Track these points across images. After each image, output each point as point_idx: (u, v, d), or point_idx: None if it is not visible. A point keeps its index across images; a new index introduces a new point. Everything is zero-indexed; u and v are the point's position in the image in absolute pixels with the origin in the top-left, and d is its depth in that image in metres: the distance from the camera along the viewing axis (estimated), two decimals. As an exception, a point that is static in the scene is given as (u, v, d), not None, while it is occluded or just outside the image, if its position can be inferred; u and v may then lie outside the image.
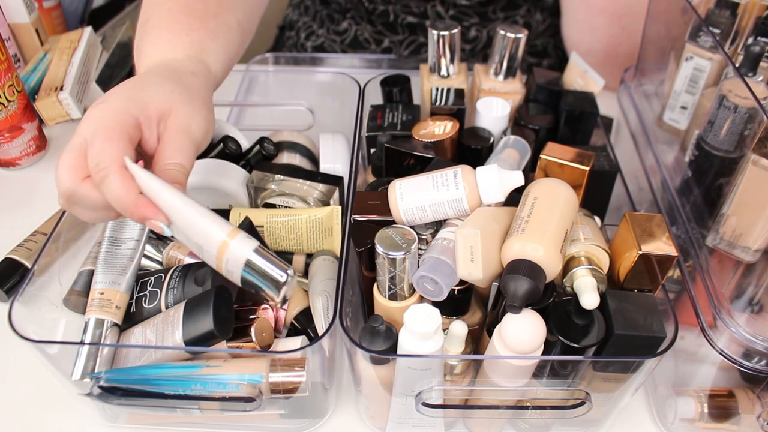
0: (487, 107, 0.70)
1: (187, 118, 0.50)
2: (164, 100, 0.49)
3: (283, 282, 0.45)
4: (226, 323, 0.53)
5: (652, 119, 0.74)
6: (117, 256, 0.58)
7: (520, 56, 0.71)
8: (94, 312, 0.55)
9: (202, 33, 0.58)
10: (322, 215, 0.64)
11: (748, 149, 0.54)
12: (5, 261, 0.69)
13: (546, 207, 0.51)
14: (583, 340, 0.50)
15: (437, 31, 0.70)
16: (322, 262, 0.64)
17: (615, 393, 0.54)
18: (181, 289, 0.57)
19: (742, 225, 0.54)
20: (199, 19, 0.58)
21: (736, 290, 0.54)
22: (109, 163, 0.44)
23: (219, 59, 0.59)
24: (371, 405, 0.58)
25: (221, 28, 0.60)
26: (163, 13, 0.59)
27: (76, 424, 0.60)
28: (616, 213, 0.69)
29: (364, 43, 1.05)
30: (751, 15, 0.62)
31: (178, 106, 0.50)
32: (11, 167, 0.85)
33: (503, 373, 0.52)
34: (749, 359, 0.51)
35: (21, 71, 0.90)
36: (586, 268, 0.52)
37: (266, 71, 0.96)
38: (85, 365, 0.53)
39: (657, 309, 0.51)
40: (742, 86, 0.54)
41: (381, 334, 0.50)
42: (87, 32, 0.94)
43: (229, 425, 0.60)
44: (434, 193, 0.54)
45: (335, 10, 1.06)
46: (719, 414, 0.58)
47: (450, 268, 0.51)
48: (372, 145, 0.70)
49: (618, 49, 0.92)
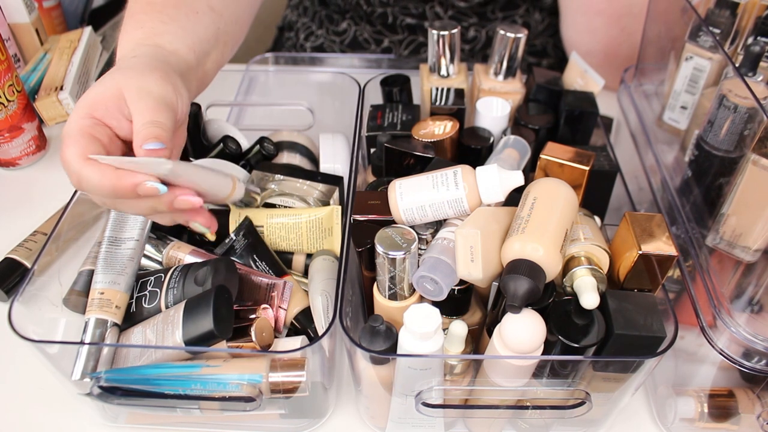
0: (487, 107, 0.70)
1: (140, 84, 0.51)
2: (110, 86, 0.51)
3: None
4: (226, 323, 0.53)
5: (652, 119, 0.74)
6: (117, 256, 0.58)
7: (520, 56, 0.71)
8: (94, 312, 0.55)
9: (154, 21, 0.59)
10: (322, 215, 0.64)
11: (748, 149, 0.54)
12: (5, 261, 0.69)
13: (546, 207, 0.51)
14: (583, 340, 0.50)
15: (437, 30, 0.70)
16: (322, 262, 0.64)
17: (615, 393, 0.54)
18: (181, 289, 0.57)
19: (742, 225, 0.54)
20: (157, 10, 0.59)
21: (736, 290, 0.54)
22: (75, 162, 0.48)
23: (177, 39, 0.59)
24: (371, 405, 0.58)
25: (181, 12, 0.60)
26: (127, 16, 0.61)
27: (76, 424, 0.60)
28: (616, 213, 0.69)
29: (363, 43, 1.05)
30: (751, 15, 0.62)
31: (126, 81, 0.51)
32: (11, 167, 0.85)
33: (503, 372, 0.52)
34: (749, 359, 0.51)
35: (21, 71, 0.90)
36: (586, 268, 0.52)
37: (266, 71, 0.96)
38: (85, 365, 0.53)
39: (657, 309, 0.51)
40: (742, 86, 0.54)
41: (381, 334, 0.50)
42: (87, 32, 0.94)
43: (229, 425, 0.60)
44: (434, 193, 0.54)
45: (334, 11, 1.06)
46: (719, 414, 0.58)
47: (450, 268, 0.51)
48: (372, 145, 0.70)
49: (617, 50, 0.92)
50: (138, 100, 0.50)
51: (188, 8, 0.61)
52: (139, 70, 0.52)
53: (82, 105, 0.51)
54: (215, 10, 0.64)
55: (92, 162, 0.47)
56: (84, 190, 0.50)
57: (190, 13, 0.61)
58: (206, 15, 0.62)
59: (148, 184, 0.47)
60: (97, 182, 0.47)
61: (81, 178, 0.47)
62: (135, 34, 0.58)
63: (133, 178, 0.47)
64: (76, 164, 0.48)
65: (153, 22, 0.59)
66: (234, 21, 0.67)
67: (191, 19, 0.61)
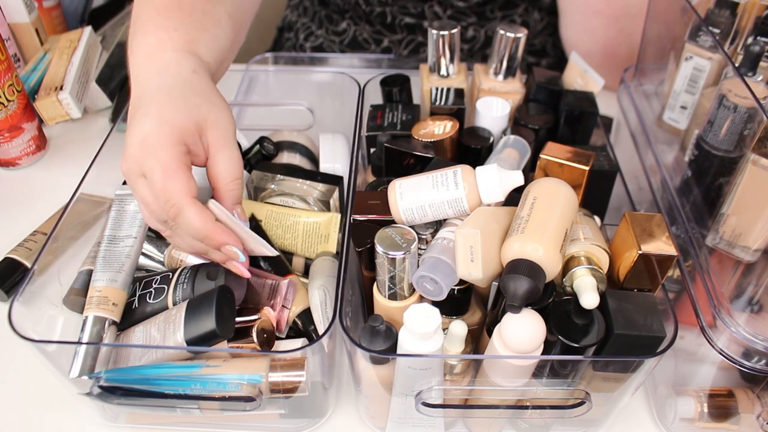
0: (486, 107, 0.70)
1: (222, 123, 0.52)
2: (196, 115, 0.52)
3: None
4: (228, 323, 0.53)
5: (652, 119, 0.74)
6: (115, 254, 0.58)
7: (519, 56, 0.71)
8: (92, 309, 0.55)
9: (188, 26, 0.58)
10: (321, 220, 0.64)
11: (747, 149, 0.54)
12: (5, 261, 0.69)
13: (546, 207, 0.51)
14: (583, 340, 0.50)
15: (437, 30, 0.70)
16: (323, 261, 0.64)
17: (615, 393, 0.54)
18: (191, 285, 0.56)
19: (741, 225, 0.54)
20: (187, 13, 0.59)
21: (736, 290, 0.54)
22: (178, 197, 0.48)
23: (209, 51, 0.59)
24: (371, 405, 0.58)
25: (209, 20, 0.60)
26: (151, 10, 0.59)
27: (76, 424, 0.60)
28: (616, 213, 0.69)
29: (363, 43, 1.05)
30: (750, 15, 0.62)
31: (209, 116, 0.52)
32: (11, 167, 0.85)
33: (503, 372, 0.52)
34: (749, 359, 0.51)
35: (21, 71, 0.90)
36: (585, 267, 0.52)
37: (266, 71, 0.96)
38: (83, 363, 0.53)
39: (657, 309, 0.51)
40: (741, 86, 0.54)
41: (381, 333, 0.50)
42: (87, 32, 0.94)
43: (229, 425, 0.60)
44: (434, 192, 0.54)
45: (333, 11, 1.06)
46: (719, 414, 0.58)
47: (450, 268, 0.51)
48: (372, 145, 0.70)
49: (616, 50, 0.92)
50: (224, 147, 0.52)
51: (214, 17, 0.61)
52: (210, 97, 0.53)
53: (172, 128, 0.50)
54: (232, 18, 0.63)
55: (196, 203, 0.48)
56: (175, 223, 0.50)
57: (216, 22, 0.61)
58: (226, 24, 0.62)
59: (233, 249, 0.50)
60: (194, 224, 0.48)
61: (181, 213, 0.48)
62: (171, 35, 0.57)
63: (226, 238, 0.49)
64: (181, 200, 0.48)
65: (186, 27, 0.58)
66: (242, 26, 0.67)
67: (216, 29, 0.61)
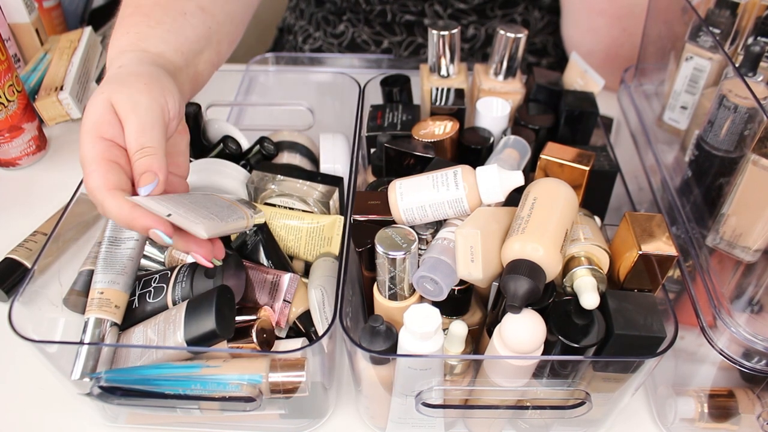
0: (487, 107, 0.70)
1: (127, 95, 0.51)
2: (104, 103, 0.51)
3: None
4: (227, 323, 0.53)
5: (652, 119, 0.74)
6: (117, 256, 0.58)
7: (520, 56, 0.71)
8: (93, 311, 0.55)
9: (141, 26, 0.59)
10: (325, 224, 0.64)
11: (748, 149, 0.54)
12: (5, 261, 0.69)
13: (546, 207, 0.51)
14: (583, 340, 0.50)
15: (437, 31, 0.70)
16: (323, 261, 0.64)
17: (615, 393, 0.54)
18: (189, 283, 0.56)
19: (742, 225, 0.54)
20: (144, 14, 0.60)
21: (736, 290, 0.54)
22: (97, 192, 0.49)
23: (162, 42, 0.59)
24: (371, 405, 0.58)
25: (168, 14, 0.61)
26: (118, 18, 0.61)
27: (76, 424, 0.60)
28: (616, 213, 0.69)
29: (362, 44, 1.05)
30: (751, 15, 0.62)
31: (115, 95, 0.51)
32: (11, 167, 0.85)
33: (503, 373, 0.52)
34: (749, 359, 0.51)
35: (21, 71, 0.90)
36: (586, 268, 0.52)
37: (266, 71, 0.96)
38: (85, 365, 0.53)
39: (657, 309, 0.51)
40: (742, 86, 0.54)
41: (381, 334, 0.50)
42: (87, 32, 0.94)
43: (229, 425, 0.60)
44: (434, 193, 0.54)
45: (330, 11, 1.06)
46: (719, 414, 0.58)
47: (450, 268, 0.51)
48: (372, 145, 0.70)
49: (618, 50, 0.92)
50: (126, 117, 0.50)
51: (176, 10, 0.61)
52: (124, 80, 0.52)
53: (87, 129, 0.51)
54: (206, 10, 0.64)
55: (113, 194, 0.48)
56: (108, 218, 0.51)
57: (177, 15, 0.61)
58: (195, 16, 0.62)
59: (157, 233, 0.48)
60: (115, 215, 0.48)
61: (104, 208, 0.49)
62: (122, 40, 0.58)
63: (146, 222, 0.48)
64: (99, 195, 0.48)
65: (139, 26, 0.59)
66: (229, 20, 0.67)
67: (179, 21, 0.61)
